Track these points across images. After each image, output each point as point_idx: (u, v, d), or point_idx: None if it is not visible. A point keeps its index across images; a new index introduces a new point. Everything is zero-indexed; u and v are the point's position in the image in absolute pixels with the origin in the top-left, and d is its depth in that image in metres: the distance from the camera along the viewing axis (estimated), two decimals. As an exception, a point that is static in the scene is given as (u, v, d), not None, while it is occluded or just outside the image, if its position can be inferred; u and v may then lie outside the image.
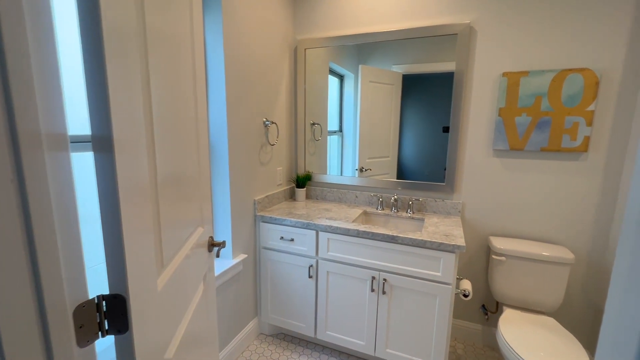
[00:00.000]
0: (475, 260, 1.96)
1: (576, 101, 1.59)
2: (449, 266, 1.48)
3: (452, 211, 1.93)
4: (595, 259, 1.72)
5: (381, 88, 2.05)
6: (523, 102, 1.68)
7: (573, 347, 1.38)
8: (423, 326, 1.58)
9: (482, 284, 1.97)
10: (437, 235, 1.55)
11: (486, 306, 1.97)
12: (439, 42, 1.84)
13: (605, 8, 1.53)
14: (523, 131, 1.70)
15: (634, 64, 1.52)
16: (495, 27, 1.72)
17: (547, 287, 1.64)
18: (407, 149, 2.04)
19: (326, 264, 1.73)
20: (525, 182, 1.78)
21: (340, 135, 2.24)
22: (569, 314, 1.82)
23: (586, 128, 1.60)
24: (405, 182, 2.03)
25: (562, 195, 1.72)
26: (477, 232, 1.92)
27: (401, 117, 2.03)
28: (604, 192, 1.65)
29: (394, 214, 1.96)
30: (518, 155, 1.77)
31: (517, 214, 1.82)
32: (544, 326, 1.54)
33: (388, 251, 1.58)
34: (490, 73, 1.76)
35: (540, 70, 1.64)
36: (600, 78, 1.57)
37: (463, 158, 1.89)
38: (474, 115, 1.83)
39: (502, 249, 1.70)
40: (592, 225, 1.69)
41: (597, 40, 1.56)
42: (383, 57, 2.00)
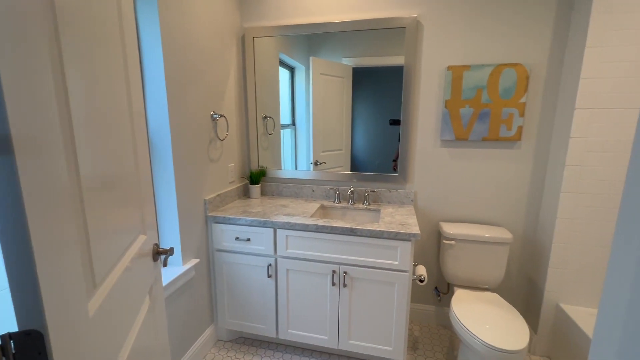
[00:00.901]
0: (427, 245, 2.06)
1: (510, 94, 1.73)
2: (405, 254, 1.52)
3: (405, 200, 2.00)
4: (529, 236, 1.91)
5: (332, 81, 2.03)
6: (466, 95, 1.78)
7: (514, 317, 1.52)
8: (383, 314, 1.61)
9: (435, 267, 2.08)
10: (393, 225, 1.59)
11: (439, 288, 2.09)
12: (388, 35, 1.87)
13: (534, 8, 1.67)
14: (467, 122, 1.81)
15: (556, 60, 1.70)
16: (440, 22, 1.79)
17: (490, 265, 1.79)
18: (359, 141, 2.06)
19: (286, 261, 1.68)
20: (470, 170, 1.90)
21: (293, 129, 2.18)
22: (508, 288, 2.01)
23: (519, 119, 1.75)
24: (361, 174, 2.05)
25: (500, 180, 1.87)
26: (429, 218, 2.02)
27: (353, 110, 2.04)
28: (534, 176, 1.83)
29: (351, 206, 1.97)
30: (463, 145, 1.88)
31: (463, 199, 1.94)
32: (489, 301, 1.67)
33: (347, 244, 1.58)
34: (436, 67, 1.84)
35: (480, 64, 1.75)
36: (530, 72, 1.72)
37: (414, 149, 1.96)
38: (423, 108, 1.90)
39: (451, 234, 1.80)
40: (526, 206, 1.87)
41: (526, 37, 1.71)
42: (333, 50, 1.97)
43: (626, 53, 1.47)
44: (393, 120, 1.95)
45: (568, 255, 1.70)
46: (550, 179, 1.76)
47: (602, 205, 1.62)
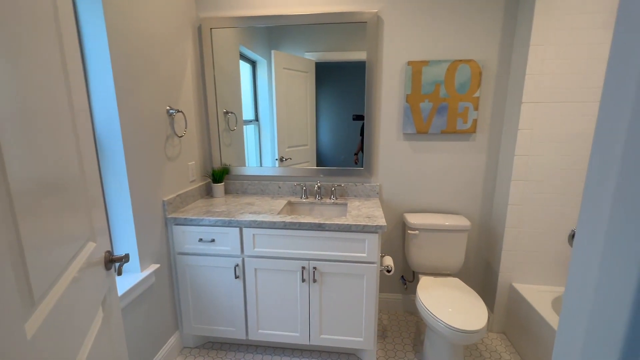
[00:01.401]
0: (393, 236, 2.12)
1: (466, 88, 1.82)
2: (373, 246, 1.55)
3: (371, 194, 2.04)
4: (484, 223, 2.04)
5: (295, 75, 2.00)
6: (425, 89, 1.85)
7: (474, 299, 1.62)
8: (353, 306, 1.64)
9: (401, 257, 2.15)
10: (360, 218, 1.61)
11: (405, 277, 2.17)
12: (350, 30, 1.87)
13: (485, 7, 1.77)
14: (427, 116, 1.88)
15: (505, 57, 1.81)
16: (399, 18, 1.83)
17: (452, 252, 1.89)
18: (324, 137, 2.06)
19: (253, 261, 1.64)
20: (431, 162, 1.98)
21: (256, 125, 2.12)
22: (468, 272, 2.13)
23: (474, 112, 1.85)
24: (327, 169, 2.06)
25: (458, 171, 1.97)
26: (394, 210, 2.08)
27: (317, 106, 2.03)
28: (488, 166, 1.95)
29: (319, 201, 1.97)
30: (424, 138, 1.95)
31: (425, 190, 2.02)
32: (451, 286, 1.76)
33: (316, 239, 1.58)
34: (397, 62, 1.88)
35: (437, 60, 1.82)
36: (482, 68, 1.82)
37: (378, 143, 2.00)
38: (385, 102, 1.94)
39: (415, 224, 1.87)
40: (481, 195, 2.00)
41: (478, 34, 1.80)
42: (295, 44, 1.94)
43: (565, 52, 1.61)
44: (356, 115, 1.97)
45: (519, 239, 1.85)
46: (502, 169, 1.89)
47: (547, 191, 1.77)
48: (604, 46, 1.58)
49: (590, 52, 1.59)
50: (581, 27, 1.57)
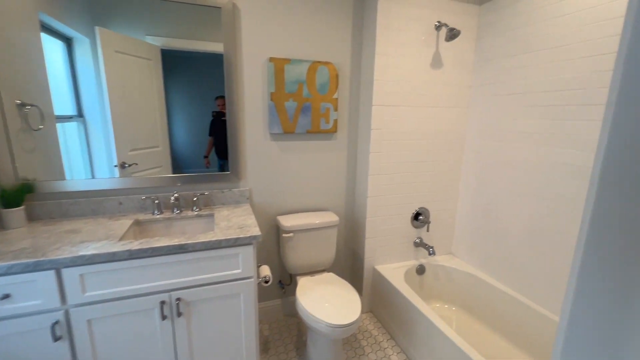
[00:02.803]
0: (267, 241, 2.02)
1: (326, 89, 1.89)
2: (248, 259, 1.40)
3: (241, 199, 1.86)
4: (349, 216, 2.20)
5: (135, 62, 1.60)
6: (289, 88, 1.80)
7: (347, 291, 1.71)
8: (231, 330, 1.44)
9: (277, 261, 2.08)
10: (231, 230, 1.42)
11: (282, 281, 2.11)
12: (203, 15, 1.62)
13: (337, 14, 1.86)
14: (292, 115, 1.85)
15: (356, 62, 1.97)
16: (258, 9, 1.71)
17: (325, 248, 1.94)
18: (180, 137, 1.74)
19: (85, 310, 1.20)
20: (299, 161, 1.97)
21: (80, 123, 1.59)
22: (339, 264, 2.27)
23: (334, 113, 1.94)
24: (186, 175, 1.75)
25: (324, 169, 2.05)
26: (266, 214, 1.97)
27: (168, 100, 1.69)
28: (349, 163, 2.11)
29: (177, 215, 1.64)
30: (291, 138, 1.92)
31: (295, 190, 2.00)
32: (327, 282, 1.81)
33: (178, 264, 1.29)
34: (258, 57, 1.76)
35: (299, 59, 1.81)
36: (338, 71, 1.92)
37: (244, 144, 1.83)
38: (249, 100, 1.79)
39: (289, 226, 1.82)
40: (345, 190, 2.14)
41: (334, 39, 1.89)
42: (131, 23, 1.54)
43: (401, 62, 1.87)
44: (217, 112, 1.74)
45: (377, 226, 2.08)
46: (360, 165, 2.07)
47: (395, 181, 2.05)
48: (424, 59, 1.92)
49: (415, 64, 1.91)
50: (407, 42, 1.86)
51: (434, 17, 1.88)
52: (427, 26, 1.88)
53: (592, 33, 1.41)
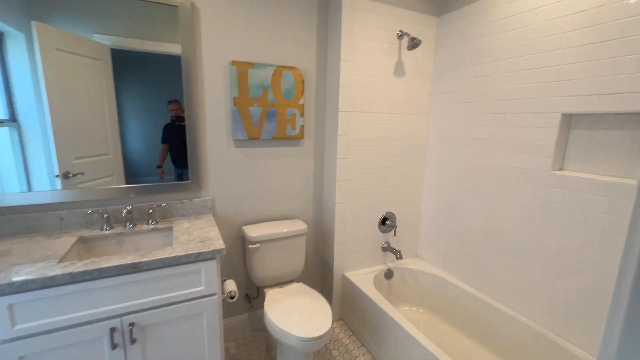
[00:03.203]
0: (232, 253, 1.92)
1: (291, 95, 1.85)
2: (211, 275, 1.30)
3: (202, 210, 1.75)
4: (318, 223, 2.17)
5: (80, 62, 1.45)
6: (253, 93, 1.74)
7: (318, 301, 1.67)
8: (193, 352, 1.33)
9: (243, 273, 1.98)
10: (192, 244, 1.32)
11: (249, 294, 2.01)
12: (159, 14, 1.52)
13: (301, 19, 1.83)
14: (257, 121, 1.78)
15: (322, 68, 1.96)
16: (218, 10, 1.63)
17: (293, 258, 1.88)
18: (135, 143, 1.60)
19: (14, 347, 1.03)
20: (265, 169, 1.90)
21: (14, 128, 1.40)
22: (308, 273, 2.22)
23: (300, 119, 1.90)
24: (141, 186, 1.60)
25: (291, 176, 2.00)
26: (231, 225, 1.87)
27: (120, 103, 1.55)
28: (316, 170, 2.08)
29: (130, 230, 1.50)
30: (256, 144, 1.85)
31: (261, 199, 1.93)
32: (296, 293, 1.75)
33: (131, 285, 1.17)
34: (220, 60, 1.68)
35: (263, 63, 1.75)
36: (304, 76, 1.89)
37: (205, 151, 1.73)
38: (210, 105, 1.70)
39: (255, 237, 1.74)
40: (313, 197, 2.11)
41: (299, 44, 1.86)
42: (75, 18, 1.39)
43: (365, 69, 1.89)
44: (175, 117, 1.63)
45: (346, 232, 2.06)
46: (327, 171, 2.05)
47: (361, 187, 2.05)
48: (387, 67, 1.96)
49: (379, 71, 1.94)
50: (371, 50, 1.89)
51: (396, 26, 1.93)
52: (389, 35, 1.92)
53: (538, 47, 1.52)
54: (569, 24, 1.40)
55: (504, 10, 1.67)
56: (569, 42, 1.41)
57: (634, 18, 1.21)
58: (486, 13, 1.76)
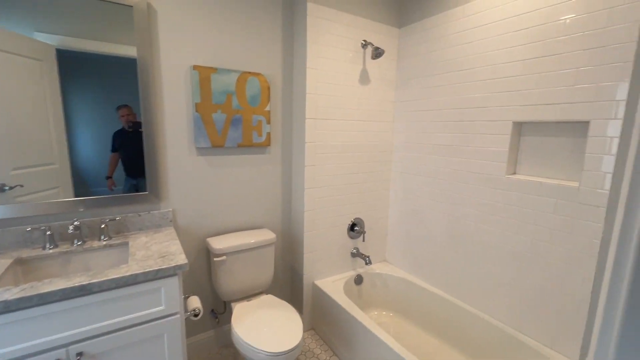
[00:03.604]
0: (196, 268, 1.82)
1: (257, 101, 1.81)
2: (172, 293, 1.22)
3: (162, 222, 1.64)
4: (286, 231, 2.13)
5: (18, 62, 1.30)
6: (217, 99, 1.68)
7: (287, 311, 1.62)
8: (152, 379, 1.23)
9: (208, 289, 1.88)
10: (151, 260, 1.22)
11: (215, 310, 1.91)
12: (111, 14, 1.42)
13: (266, 25, 1.81)
14: (221, 128, 1.72)
15: (288, 75, 1.94)
16: (178, 13, 1.56)
17: (262, 269, 1.82)
18: (86, 152, 1.47)
19: None
20: (230, 177, 1.84)
21: None
22: (278, 284, 2.16)
23: (267, 125, 1.87)
24: (91, 199, 1.47)
25: (257, 184, 1.94)
26: (194, 237, 1.78)
27: (68, 108, 1.41)
28: (284, 177, 2.05)
29: (79, 247, 1.36)
30: (220, 152, 1.78)
31: (226, 209, 1.86)
32: (265, 305, 1.69)
33: (79, 310, 1.05)
34: (180, 64, 1.60)
35: (227, 69, 1.70)
36: (270, 83, 1.86)
37: (165, 160, 1.63)
38: (170, 111, 1.61)
39: (221, 249, 1.67)
40: (281, 205, 2.07)
41: (264, 50, 1.83)
42: (11, 14, 1.26)
43: (331, 77, 1.91)
44: (134, 122, 1.53)
45: (315, 240, 2.04)
46: (295, 179, 2.02)
47: (330, 194, 2.05)
48: (353, 75, 1.99)
49: (345, 79, 1.97)
50: (337, 58, 1.91)
51: (360, 36, 1.97)
52: (354, 44, 1.96)
53: (490, 59, 1.63)
54: (516, 40, 1.52)
55: (458, 25, 1.77)
56: (516, 56, 1.53)
57: (570, 36, 1.34)
58: (443, 27, 1.86)
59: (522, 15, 1.49)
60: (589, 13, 1.29)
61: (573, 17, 1.33)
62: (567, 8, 1.34)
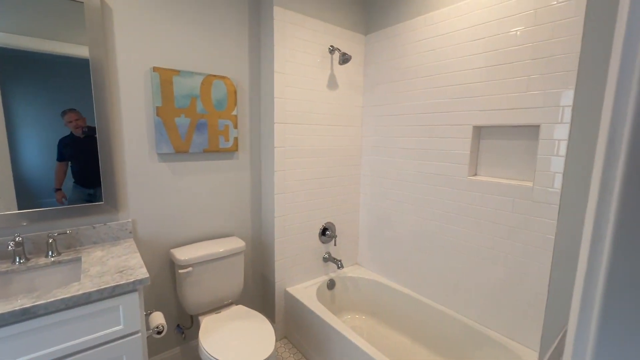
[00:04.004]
0: (159, 281, 1.71)
1: (223, 105, 1.75)
2: (132, 311, 1.13)
3: (121, 235, 1.53)
4: (256, 239, 2.07)
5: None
6: (180, 103, 1.60)
7: (259, 322, 1.57)
8: (110, 407, 1.12)
9: (173, 303, 1.77)
10: (107, 276, 1.13)
11: (181, 325, 1.81)
12: (59, 11, 1.31)
13: (232, 27, 1.77)
14: (185, 132, 1.64)
15: (255, 79, 1.91)
16: (135, 11, 1.47)
17: (231, 279, 1.76)
18: (31, 159, 1.33)
19: None
20: (196, 184, 1.76)
21: None
22: (248, 293, 2.09)
23: (234, 130, 1.82)
24: (37, 211, 1.33)
25: (225, 191, 1.88)
26: (157, 249, 1.67)
27: (9, 112, 1.28)
28: (253, 183, 2.00)
29: (22, 266, 1.22)
30: (184, 158, 1.70)
31: (192, 217, 1.77)
32: (235, 317, 1.63)
33: (22, 337, 0.94)
34: (138, 66, 1.51)
35: (190, 71, 1.63)
36: (236, 86, 1.82)
37: (123, 167, 1.52)
38: (129, 115, 1.51)
39: (186, 260, 1.58)
40: (250, 212, 2.01)
41: (230, 52, 1.78)
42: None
43: (299, 81, 1.90)
44: (88, 127, 1.41)
45: (286, 246, 2.01)
46: (265, 184, 1.98)
47: (301, 199, 2.03)
48: (321, 80, 2.00)
49: (313, 84, 1.97)
50: (305, 63, 1.91)
51: (328, 41, 1.99)
52: (321, 49, 1.97)
53: (450, 67, 1.72)
54: (474, 48, 1.61)
55: (420, 33, 1.84)
56: (474, 64, 1.62)
57: (520, 47, 1.45)
58: (406, 35, 1.92)
59: (478, 26, 1.59)
60: (536, 26, 1.39)
61: (522, 29, 1.43)
62: (517, 21, 1.45)
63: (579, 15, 1.27)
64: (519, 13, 1.44)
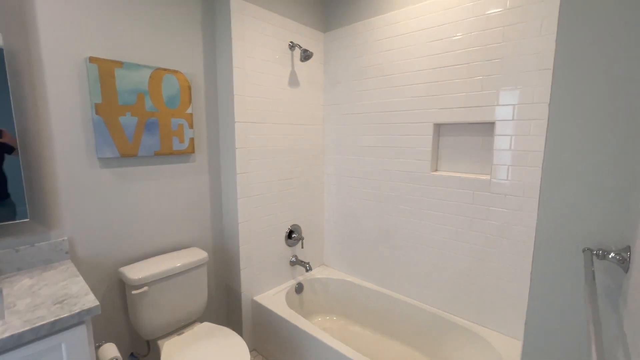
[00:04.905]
0: (107, 306, 1.48)
1: (176, 103, 1.58)
2: (79, 347, 0.94)
3: (54, 256, 1.28)
4: (219, 247, 1.91)
5: None
6: (125, 99, 1.40)
7: (227, 338, 1.45)
8: None
9: (123, 328, 1.55)
10: (42, 310, 0.92)
11: (136, 353, 1.59)
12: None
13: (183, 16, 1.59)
14: (132, 133, 1.44)
15: (211, 74, 1.75)
16: (61, -10, 1.24)
17: (194, 294, 1.59)
18: None
19: None
20: (147, 191, 1.55)
21: None
22: (213, 308, 1.93)
23: (190, 130, 1.65)
24: None
25: (182, 197, 1.70)
26: (102, 269, 1.44)
27: None
28: (213, 188, 1.84)
29: None
30: (132, 163, 1.49)
31: (145, 229, 1.56)
32: (200, 336, 1.48)
33: None
34: (70, 56, 1.27)
35: (136, 63, 1.43)
36: (190, 82, 1.65)
37: (54, 176, 1.28)
38: (59, 114, 1.27)
39: (140, 279, 1.38)
40: (210, 219, 1.85)
41: (181, 44, 1.61)
42: None
43: (260, 78, 1.79)
44: None
45: (252, 253, 1.89)
46: (226, 188, 1.84)
47: (265, 202, 1.93)
48: (282, 77, 1.92)
49: (274, 81, 1.88)
50: (265, 59, 1.82)
51: (287, 37, 1.91)
52: (282, 45, 1.89)
53: (409, 66, 1.76)
54: (431, 49, 1.67)
55: (379, 33, 1.87)
56: (431, 64, 1.68)
57: (475, 48, 1.53)
58: (365, 34, 1.93)
59: (435, 27, 1.65)
60: (488, 29, 1.49)
61: (477, 33, 1.52)
62: (471, 24, 1.53)
63: (525, 20, 1.38)
64: (473, 17, 1.53)
